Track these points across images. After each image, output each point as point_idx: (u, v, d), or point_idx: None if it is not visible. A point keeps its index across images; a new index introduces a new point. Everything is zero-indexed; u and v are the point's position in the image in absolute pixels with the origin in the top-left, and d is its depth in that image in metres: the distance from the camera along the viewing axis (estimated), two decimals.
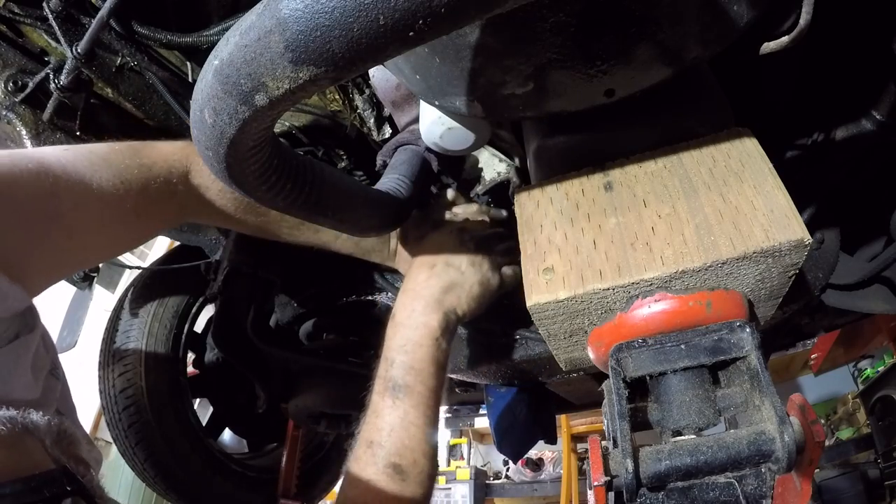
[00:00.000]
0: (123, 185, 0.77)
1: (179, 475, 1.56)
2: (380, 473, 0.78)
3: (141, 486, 1.65)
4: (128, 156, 0.80)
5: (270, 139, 0.63)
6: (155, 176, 0.81)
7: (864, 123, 0.97)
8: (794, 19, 0.66)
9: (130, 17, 1.05)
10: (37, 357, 0.64)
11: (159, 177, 0.82)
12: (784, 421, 0.57)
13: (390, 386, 0.84)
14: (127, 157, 0.79)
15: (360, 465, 0.80)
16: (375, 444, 0.81)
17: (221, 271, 1.33)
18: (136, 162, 0.80)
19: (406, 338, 0.86)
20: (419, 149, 1.06)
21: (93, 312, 1.83)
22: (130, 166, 0.79)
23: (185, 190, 0.87)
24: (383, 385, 0.85)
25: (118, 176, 0.77)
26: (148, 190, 0.80)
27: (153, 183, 0.81)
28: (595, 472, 0.60)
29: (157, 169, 0.82)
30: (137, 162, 0.80)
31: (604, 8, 0.60)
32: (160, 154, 0.84)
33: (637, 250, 0.67)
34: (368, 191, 0.92)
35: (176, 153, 0.85)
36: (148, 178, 0.80)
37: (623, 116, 0.77)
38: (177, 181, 0.84)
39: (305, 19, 0.43)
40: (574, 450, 4.88)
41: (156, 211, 0.85)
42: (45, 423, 0.53)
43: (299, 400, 1.60)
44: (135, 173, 0.79)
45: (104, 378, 1.54)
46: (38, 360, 0.65)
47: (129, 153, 0.80)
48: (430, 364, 0.86)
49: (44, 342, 0.69)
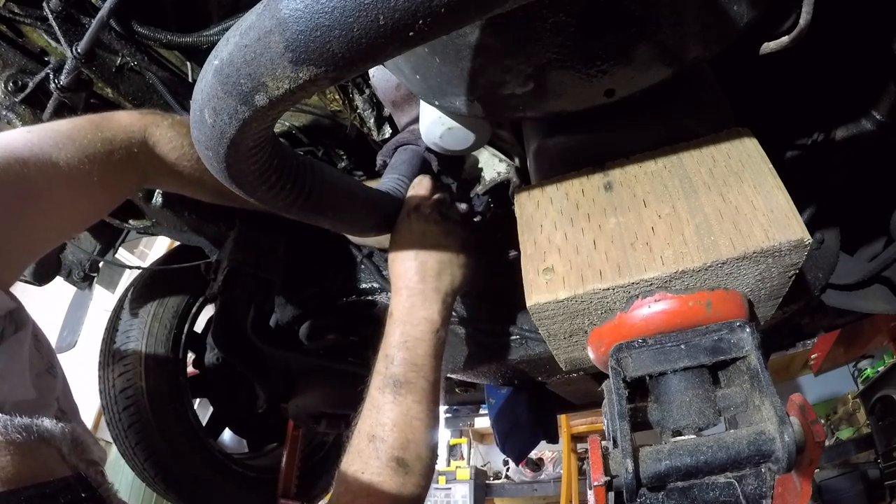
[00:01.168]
0: (88, 160, 0.79)
1: (179, 475, 1.56)
2: (383, 467, 0.79)
3: (141, 486, 1.65)
4: (89, 130, 0.82)
5: (270, 139, 0.63)
6: (116, 147, 0.84)
7: (864, 123, 0.97)
8: (794, 19, 0.66)
9: (130, 17, 1.05)
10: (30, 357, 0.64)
11: (120, 148, 0.84)
12: (784, 421, 0.57)
13: (391, 382, 0.84)
14: (89, 132, 0.82)
15: (362, 458, 0.81)
16: (378, 439, 0.81)
17: (221, 271, 1.33)
18: (98, 136, 0.82)
19: (407, 334, 0.87)
20: (419, 149, 1.06)
21: (93, 312, 1.83)
22: (93, 140, 0.81)
23: (146, 158, 0.89)
24: (383, 381, 0.85)
25: (82, 151, 0.79)
26: (111, 161, 0.83)
27: (115, 154, 0.83)
28: (595, 472, 0.60)
29: (118, 141, 0.84)
30: (99, 136, 0.82)
31: (604, 8, 0.60)
32: (119, 125, 0.86)
33: (637, 250, 0.67)
34: (368, 191, 0.92)
35: (134, 123, 0.88)
36: (110, 151, 0.83)
37: (623, 116, 0.77)
38: (137, 150, 0.87)
39: (305, 19, 0.43)
40: (574, 450, 4.88)
41: (119, 181, 0.87)
42: (60, 430, 0.53)
43: (299, 400, 1.60)
44: (97, 147, 0.81)
45: (104, 378, 1.54)
46: (31, 359, 0.65)
47: (90, 128, 0.83)
48: (432, 358, 0.86)
49: (37, 341, 0.69)
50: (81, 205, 0.83)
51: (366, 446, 0.81)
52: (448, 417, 5.81)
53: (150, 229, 1.42)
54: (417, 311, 0.88)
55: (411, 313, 0.88)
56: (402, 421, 0.82)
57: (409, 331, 0.87)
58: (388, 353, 0.86)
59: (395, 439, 0.81)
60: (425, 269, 0.90)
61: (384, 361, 0.86)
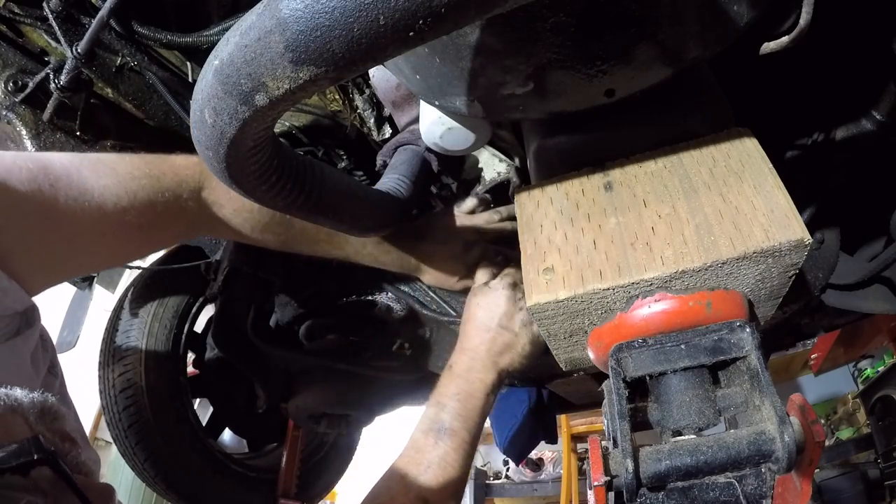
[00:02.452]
0: (127, 196, 0.75)
1: (179, 475, 1.56)
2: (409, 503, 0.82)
3: (141, 485, 1.65)
4: (136, 167, 0.77)
5: (270, 139, 0.63)
6: (163, 189, 0.79)
7: (864, 123, 0.97)
8: (794, 19, 0.66)
9: (130, 17, 1.05)
10: (35, 354, 0.64)
11: (167, 190, 0.79)
12: (784, 421, 0.57)
13: (436, 427, 0.88)
14: (135, 168, 0.77)
15: (390, 493, 0.84)
16: (411, 477, 0.83)
17: (221, 271, 1.32)
18: (145, 172, 0.77)
19: (461, 388, 0.91)
20: (419, 149, 1.06)
21: (93, 312, 1.83)
22: (137, 177, 0.76)
23: (197, 207, 0.84)
24: (429, 425, 0.88)
25: (122, 186, 0.75)
26: (154, 203, 0.78)
27: (161, 196, 0.78)
28: (595, 472, 0.60)
29: (166, 182, 0.79)
30: (146, 172, 0.77)
31: (604, 8, 0.60)
32: (171, 167, 0.81)
33: (637, 250, 0.67)
34: (368, 191, 0.92)
35: (189, 167, 0.83)
36: (155, 191, 0.78)
37: (623, 116, 0.77)
38: (187, 197, 0.82)
39: (305, 19, 0.43)
40: (574, 450, 4.87)
41: (162, 225, 0.82)
42: (29, 399, 0.53)
43: (299, 400, 1.59)
44: (142, 184, 0.76)
45: (104, 378, 1.54)
46: (36, 357, 0.65)
47: (138, 164, 0.78)
48: (478, 415, 0.91)
49: (42, 341, 0.69)
50: (112, 240, 0.77)
51: (397, 483, 0.84)
52: None
53: None
54: (475, 373, 0.93)
55: (470, 372, 0.93)
56: (438, 464, 0.85)
57: (464, 386, 0.92)
58: (441, 400, 0.91)
59: (426, 479, 0.83)
60: (495, 345, 0.95)
61: (436, 408, 0.90)
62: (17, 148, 1.09)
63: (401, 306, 1.30)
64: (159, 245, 0.91)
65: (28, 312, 0.64)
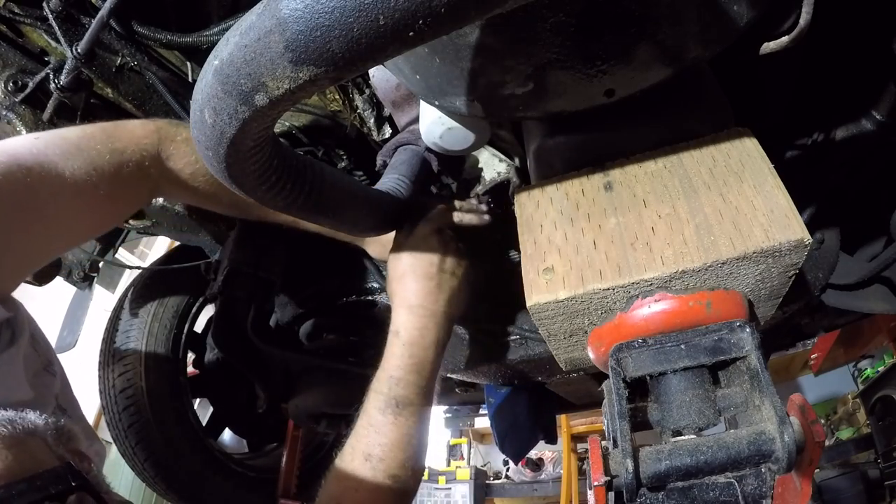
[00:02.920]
0: (97, 172, 0.78)
1: (179, 475, 1.56)
2: (379, 484, 0.80)
3: (141, 485, 1.65)
4: (99, 141, 0.80)
5: (270, 139, 0.63)
6: (127, 160, 0.82)
7: (864, 123, 0.97)
8: (794, 19, 0.66)
9: (130, 17, 1.05)
10: (27, 359, 0.65)
11: (131, 161, 0.82)
12: (784, 421, 0.57)
13: (394, 403, 0.82)
14: (98, 143, 0.80)
15: (357, 476, 0.82)
16: (375, 458, 0.82)
17: (221, 271, 1.32)
18: (108, 147, 0.80)
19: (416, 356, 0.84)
20: (419, 149, 1.06)
21: (93, 312, 1.83)
22: (102, 152, 0.79)
23: (158, 172, 0.87)
24: (385, 402, 0.83)
25: (91, 163, 0.77)
26: (120, 175, 0.81)
27: (125, 167, 0.82)
28: (595, 472, 0.60)
29: (129, 153, 0.82)
30: (109, 147, 0.80)
31: (604, 8, 0.60)
32: (131, 137, 0.84)
33: (637, 250, 0.67)
34: (368, 191, 0.92)
35: (147, 136, 0.86)
36: (120, 163, 0.81)
37: (623, 116, 0.77)
38: (149, 164, 0.85)
39: (305, 19, 0.43)
40: (574, 450, 4.88)
41: (128, 194, 0.86)
42: (43, 422, 0.54)
43: (299, 400, 1.60)
44: (107, 159, 0.79)
45: (104, 378, 1.54)
46: (28, 361, 0.65)
47: (101, 138, 0.80)
48: (434, 377, 0.87)
49: (34, 341, 0.69)
50: (86, 217, 0.81)
51: (361, 465, 0.82)
52: (448, 417, 5.81)
53: (150, 229, 1.42)
54: (429, 335, 0.85)
55: (423, 336, 0.85)
56: (403, 441, 0.82)
57: (418, 353, 0.85)
58: (392, 374, 0.84)
59: (393, 458, 0.81)
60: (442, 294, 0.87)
61: (387, 382, 0.84)
62: None
63: None
64: (126, 212, 0.93)
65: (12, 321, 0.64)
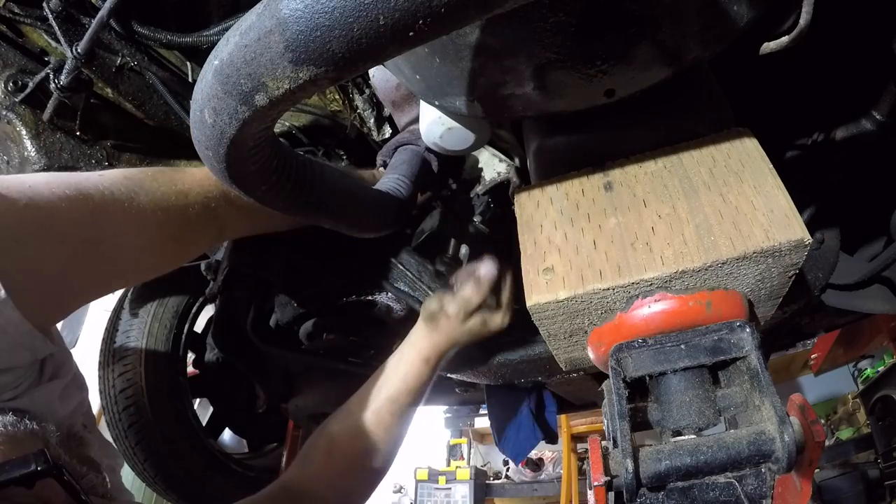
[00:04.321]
0: (163, 213, 0.79)
1: (179, 475, 1.56)
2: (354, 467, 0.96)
3: (141, 486, 1.65)
4: (163, 183, 0.81)
5: (270, 139, 0.63)
6: (192, 203, 0.83)
7: (864, 123, 0.97)
8: (794, 19, 0.66)
9: (130, 17, 1.05)
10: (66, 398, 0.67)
11: (196, 203, 0.84)
12: (784, 421, 0.57)
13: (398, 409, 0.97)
14: (163, 185, 0.81)
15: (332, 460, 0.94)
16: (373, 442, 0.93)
17: (221, 271, 1.32)
18: (173, 189, 0.81)
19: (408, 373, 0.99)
20: (419, 149, 1.06)
21: (93, 312, 1.83)
22: (168, 194, 0.80)
23: (225, 212, 0.88)
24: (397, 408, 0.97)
25: (156, 203, 0.78)
26: (186, 217, 0.82)
27: (191, 209, 0.83)
28: (595, 472, 0.60)
29: (194, 196, 0.84)
30: (174, 189, 0.81)
31: (604, 8, 0.60)
32: (194, 180, 0.85)
33: (637, 250, 0.67)
34: (369, 191, 0.92)
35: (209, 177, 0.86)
36: (186, 205, 0.82)
37: (623, 116, 0.77)
38: (215, 205, 0.86)
39: (305, 19, 0.43)
40: (574, 450, 4.87)
41: (195, 236, 0.87)
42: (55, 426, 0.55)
43: (299, 400, 1.60)
44: (172, 201, 0.80)
45: (104, 378, 1.54)
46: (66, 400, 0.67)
47: (164, 180, 0.82)
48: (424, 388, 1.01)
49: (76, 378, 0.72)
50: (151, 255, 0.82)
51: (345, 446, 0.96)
52: (448, 417, 5.81)
53: None
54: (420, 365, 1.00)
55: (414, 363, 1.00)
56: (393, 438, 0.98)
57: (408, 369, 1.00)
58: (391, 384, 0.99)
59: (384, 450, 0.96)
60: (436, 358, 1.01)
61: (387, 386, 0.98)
62: (18, 148, 1.09)
63: (401, 306, 1.30)
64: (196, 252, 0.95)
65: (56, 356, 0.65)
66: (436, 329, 0.97)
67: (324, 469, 0.95)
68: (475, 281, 0.97)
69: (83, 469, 0.57)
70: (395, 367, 1.00)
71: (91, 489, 0.56)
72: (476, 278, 0.97)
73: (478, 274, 0.97)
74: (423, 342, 0.99)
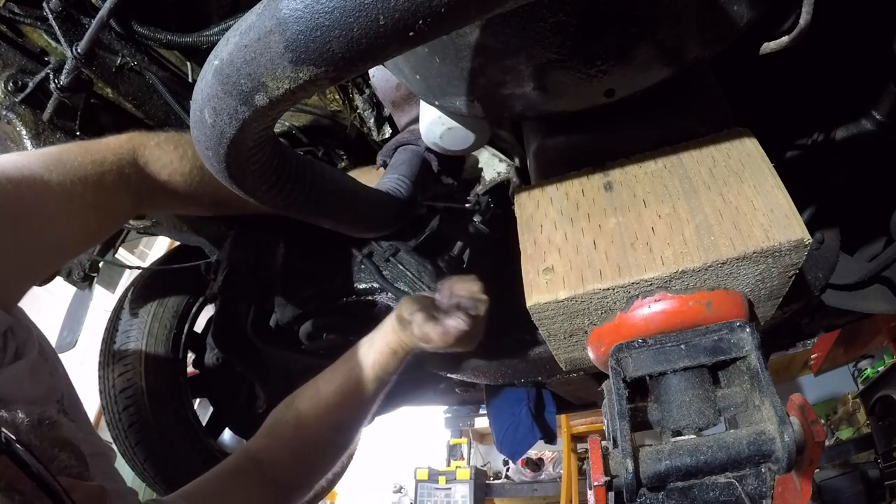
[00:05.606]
0: (80, 181, 0.81)
1: (179, 475, 1.56)
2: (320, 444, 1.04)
3: (141, 486, 1.65)
4: (78, 154, 0.84)
5: (270, 139, 0.63)
6: (107, 170, 0.86)
7: (864, 123, 0.97)
8: (794, 19, 0.67)
9: (130, 17, 1.05)
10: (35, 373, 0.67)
11: (111, 170, 0.86)
12: (784, 421, 0.57)
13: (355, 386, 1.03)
14: (78, 155, 0.83)
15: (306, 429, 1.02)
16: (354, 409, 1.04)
17: (221, 271, 1.32)
18: (88, 158, 0.84)
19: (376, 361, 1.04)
20: (419, 149, 1.06)
21: (93, 312, 1.83)
22: (83, 163, 0.83)
23: (138, 179, 0.91)
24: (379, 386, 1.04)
25: (73, 173, 0.81)
26: (103, 183, 0.85)
27: (107, 176, 0.85)
28: (595, 472, 0.60)
29: (108, 163, 0.86)
30: (89, 158, 0.84)
31: (604, 8, 0.60)
32: (108, 148, 0.88)
33: (637, 250, 0.67)
34: (368, 191, 0.92)
35: (123, 145, 0.90)
36: (101, 173, 0.85)
37: (623, 116, 0.77)
38: (129, 171, 0.89)
39: (305, 19, 0.43)
40: (574, 450, 4.88)
41: (114, 203, 0.89)
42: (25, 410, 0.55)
43: None
44: (88, 169, 0.83)
45: (104, 378, 1.54)
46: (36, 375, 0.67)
47: (79, 151, 0.84)
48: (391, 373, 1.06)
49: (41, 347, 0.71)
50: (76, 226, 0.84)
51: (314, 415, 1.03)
52: (448, 417, 5.81)
53: (150, 229, 1.42)
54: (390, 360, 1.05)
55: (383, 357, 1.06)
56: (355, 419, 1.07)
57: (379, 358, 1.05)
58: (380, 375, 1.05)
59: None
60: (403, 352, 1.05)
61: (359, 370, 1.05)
62: (17, 148, 1.09)
63: None
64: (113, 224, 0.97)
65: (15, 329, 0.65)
66: (404, 331, 1.00)
67: (290, 442, 1.01)
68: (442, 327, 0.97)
69: (54, 451, 0.57)
70: (366, 353, 1.05)
71: (63, 469, 0.57)
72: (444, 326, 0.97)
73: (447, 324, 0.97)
74: (392, 336, 1.02)
